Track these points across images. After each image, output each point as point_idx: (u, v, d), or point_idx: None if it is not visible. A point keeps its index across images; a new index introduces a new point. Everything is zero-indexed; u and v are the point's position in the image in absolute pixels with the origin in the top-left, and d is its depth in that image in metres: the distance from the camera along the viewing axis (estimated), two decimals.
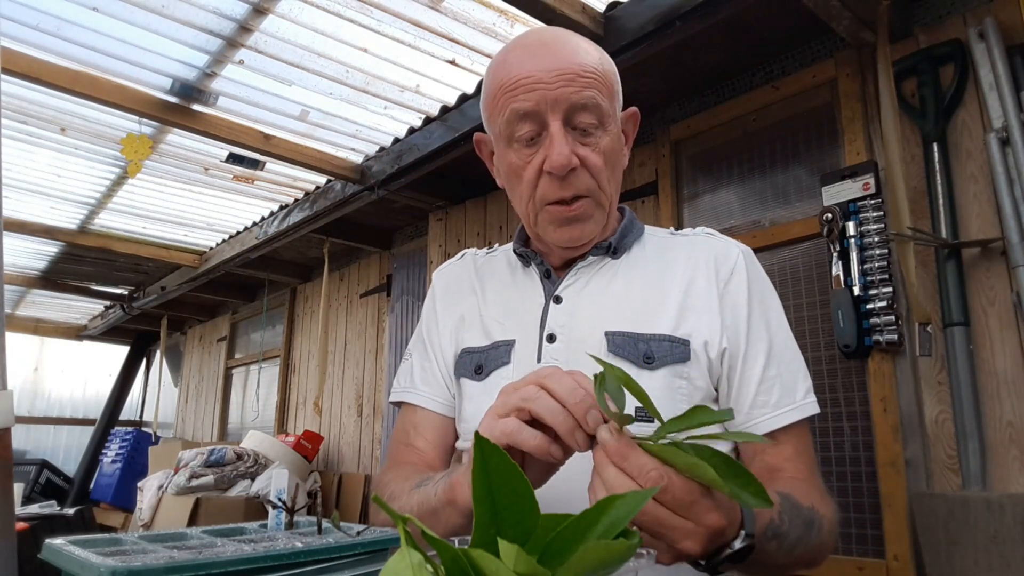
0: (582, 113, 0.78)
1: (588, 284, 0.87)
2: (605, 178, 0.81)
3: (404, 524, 0.36)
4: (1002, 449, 1.73)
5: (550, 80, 0.77)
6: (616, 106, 0.84)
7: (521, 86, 0.78)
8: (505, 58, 0.82)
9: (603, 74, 0.80)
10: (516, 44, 0.83)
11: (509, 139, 0.82)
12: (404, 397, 0.96)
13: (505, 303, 0.91)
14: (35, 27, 2.25)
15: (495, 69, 0.83)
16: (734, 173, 2.46)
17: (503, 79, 0.80)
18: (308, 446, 4.05)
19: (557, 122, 0.77)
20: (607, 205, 0.84)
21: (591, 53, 0.81)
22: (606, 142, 0.81)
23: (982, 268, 1.83)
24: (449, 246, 3.46)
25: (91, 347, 7.33)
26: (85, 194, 3.66)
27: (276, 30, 2.31)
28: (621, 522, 0.39)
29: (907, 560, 1.85)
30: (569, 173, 0.79)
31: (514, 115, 0.79)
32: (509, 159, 0.83)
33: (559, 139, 0.77)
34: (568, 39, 0.82)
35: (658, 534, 0.50)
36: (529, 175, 0.81)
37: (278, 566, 0.53)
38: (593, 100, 0.78)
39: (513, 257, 0.95)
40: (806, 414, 0.80)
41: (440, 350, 0.95)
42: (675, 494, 0.49)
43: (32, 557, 0.62)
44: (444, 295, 0.99)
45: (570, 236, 0.83)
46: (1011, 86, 1.78)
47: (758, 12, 2.06)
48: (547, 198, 0.81)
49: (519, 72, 0.79)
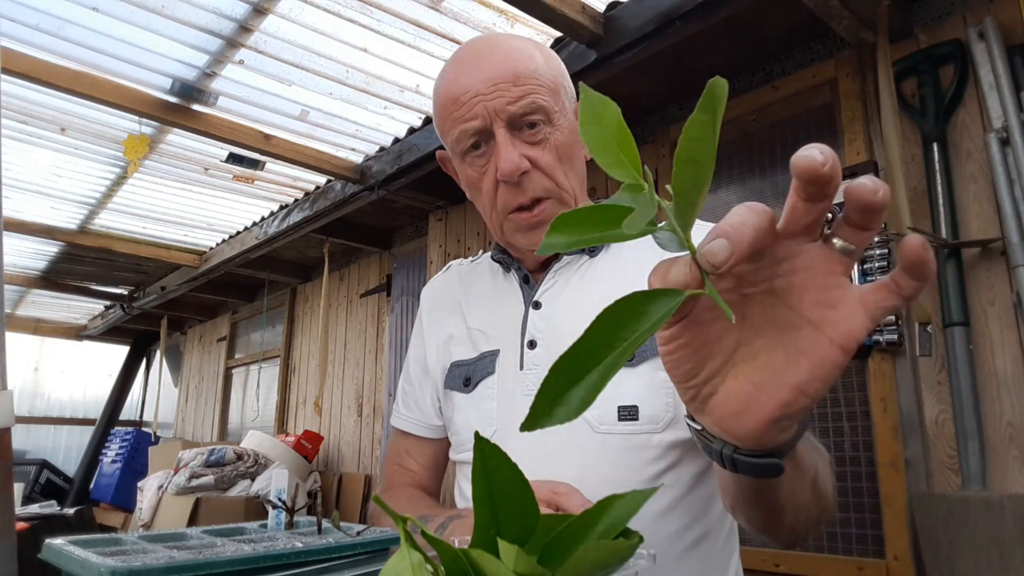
0: (525, 117, 0.78)
1: (566, 287, 0.86)
2: (561, 174, 0.81)
3: (404, 524, 0.36)
4: (1002, 449, 1.73)
5: (488, 91, 0.77)
6: (564, 100, 0.83)
7: (463, 103, 0.78)
8: (444, 74, 0.83)
9: (542, 74, 0.80)
10: (453, 59, 0.84)
11: (462, 154, 0.82)
12: (393, 422, 1.02)
13: (488, 312, 0.92)
14: (35, 27, 2.25)
15: (437, 87, 0.84)
16: (734, 173, 2.46)
17: (445, 98, 0.81)
18: (308, 446, 4.05)
19: (502, 130, 0.78)
20: (571, 202, 0.83)
21: (527, 55, 0.80)
22: (557, 138, 0.80)
23: (982, 268, 1.83)
24: (449, 246, 3.46)
25: (91, 347, 7.33)
26: (85, 194, 3.66)
27: (276, 30, 2.31)
28: (621, 522, 0.39)
29: (907, 560, 1.85)
30: (522, 177, 0.78)
31: (462, 133, 0.79)
32: (466, 172, 0.84)
33: (505, 146, 0.77)
34: (501, 45, 0.81)
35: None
36: (487, 186, 0.81)
37: (278, 566, 0.53)
38: (533, 104, 0.78)
39: (494, 263, 0.95)
40: None
41: (425, 369, 0.97)
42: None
43: (32, 557, 0.62)
44: (430, 312, 1.00)
45: (537, 241, 0.82)
46: (1011, 86, 1.78)
47: (758, 12, 2.06)
48: (508, 206, 0.81)
49: (457, 88, 0.79)
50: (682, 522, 0.77)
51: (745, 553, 0.85)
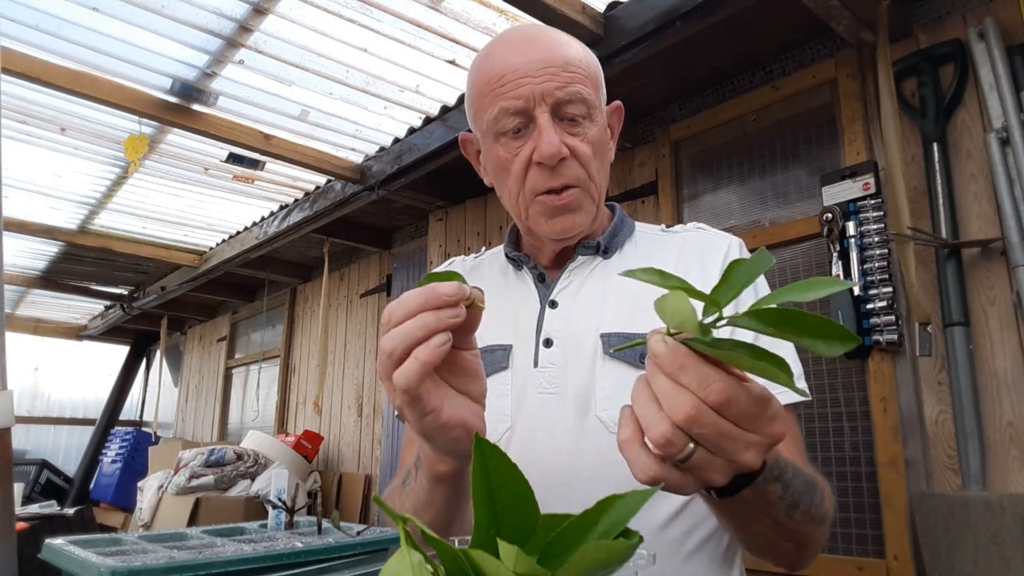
0: (569, 105, 0.78)
1: (583, 287, 0.87)
2: (594, 168, 0.82)
3: (404, 524, 0.36)
4: (1002, 449, 1.73)
5: (536, 74, 0.77)
6: (601, 98, 0.84)
7: (508, 81, 0.78)
8: (489, 54, 0.82)
9: (587, 67, 0.81)
10: (499, 40, 0.83)
11: (497, 134, 0.82)
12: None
13: (499, 308, 0.91)
14: (35, 27, 2.25)
15: (480, 65, 0.83)
16: (734, 173, 2.46)
17: (488, 75, 0.80)
18: (308, 446, 4.05)
19: (545, 114, 0.78)
20: (596, 196, 0.84)
21: (574, 47, 0.82)
22: (594, 132, 0.81)
23: (982, 268, 1.83)
24: (449, 246, 3.46)
25: (91, 347, 7.33)
26: (85, 194, 3.66)
27: (276, 30, 2.31)
28: (621, 522, 0.39)
29: (907, 560, 1.85)
30: (559, 163, 0.79)
31: (503, 112, 0.79)
32: (497, 153, 0.83)
33: (548, 129, 0.77)
34: (551, 34, 0.82)
35: (719, 448, 0.46)
36: (517, 168, 0.81)
37: (278, 566, 0.53)
38: (579, 93, 0.78)
39: (504, 261, 0.95)
40: (793, 400, 0.79)
41: None
42: (741, 407, 0.44)
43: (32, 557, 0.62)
44: None
45: (562, 227, 0.83)
46: (1011, 86, 1.78)
47: (758, 12, 2.06)
48: (537, 189, 0.81)
49: (504, 67, 0.79)
50: (687, 526, 0.77)
51: (747, 554, 0.85)
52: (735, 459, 0.46)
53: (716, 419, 0.44)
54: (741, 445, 0.46)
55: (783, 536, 0.65)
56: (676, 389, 0.44)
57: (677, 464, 0.46)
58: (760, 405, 0.46)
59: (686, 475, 0.46)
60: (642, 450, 0.46)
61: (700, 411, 0.44)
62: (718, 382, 0.44)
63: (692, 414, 0.43)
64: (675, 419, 0.44)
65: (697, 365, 0.44)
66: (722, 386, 0.44)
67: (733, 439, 0.45)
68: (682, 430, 0.44)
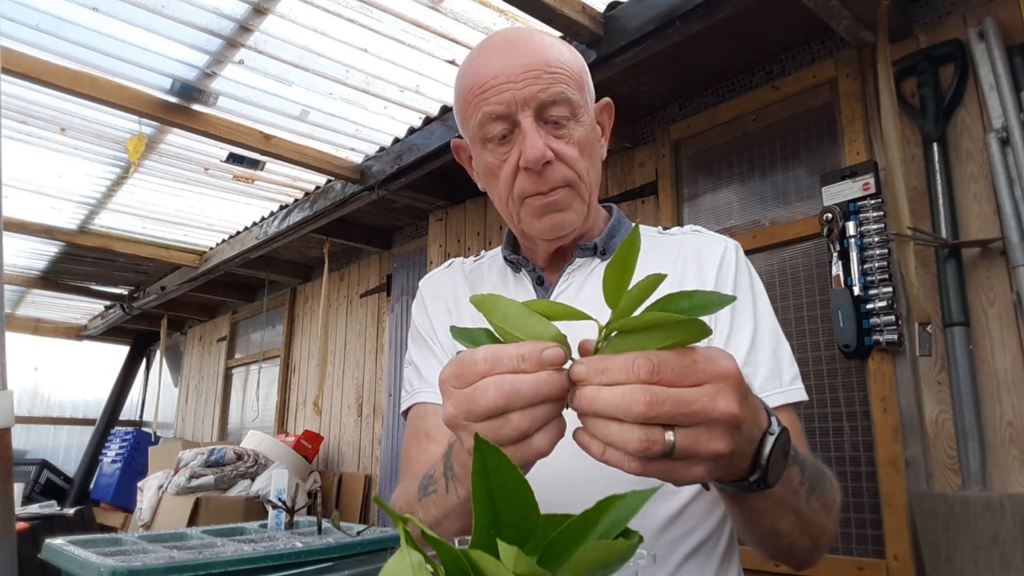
0: (552, 107, 0.79)
1: (582, 289, 0.87)
2: (583, 168, 0.82)
3: (404, 524, 0.36)
4: (1002, 449, 1.73)
5: (517, 78, 0.78)
6: (587, 97, 0.84)
7: (490, 87, 0.79)
8: (472, 61, 0.83)
9: (571, 67, 0.81)
10: (482, 46, 0.84)
11: (484, 140, 0.82)
12: (417, 398, 0.91)
13: None
14: (35, 27, 2.25)
15: (464, 73, 0.84)
16: (734, 173, 2.46)
17: (472, 82, 0.81)
18: (308, 446, 4.05)
19: (529, 118, 0.78)
20: (586, 195, 0.84)
21: (556, 47, 0.82)
22: (580, 133, 0.81)
23: (982, 268, 1.83)
24: (449, 246, 3.46)
25: (91, 347, 7.33)
26: (85, 194, 3.66)
27: (276, 30, 2.31)
28: (621, 522, 0.39)
29: (907, 560, 1.85)
30: (545, 167, 0.79)
31: (486, 117, 0.79)
32: (485, 160, 0.84)
33: (532, 134, 0.78)
34: (533, 36, 0.82)
35: (693, 417, 0.45)
36: (506, 173, 0.82)
37: (278, 566, 0.53)
38: (563, 94, 0.78)
39: (503, 263, 0.95)
40: (792, 399, 0.79)
41: (441, 345, 0.93)
42: (673, 365, 0.45)
43: (32, 557, 0.62)
44: (434, 300, 0.97)
45: (552, 225, 0.83)
46: (1011, 86, 1.78)
47: (758, 12, 2.06)
48: (525, 192, 0.82)
49: (487, 73, 0.79)
50: (685, 527, 0.77)
51: (746, 552, 0.85)
52: (713, 416, 0.46)
53: (668, 391, 0.45)
54: (708, 401, 0.46)
55: (804, 531, 0.66)
56: (617, 391, 0.45)
57: (668, 459, 0.46)
58: (687, 355, 0.46)
59: (682, 463, 0.46)
60: (624, 456, 0.46)
61: (650, 392, 0.44)
62: (638, 358, 0.45)
63: (646, 399, 0.44)
64: (637, 416, 0.44)
65: (613, 358, 0.46)
66: (643, 358, 0.45)
67: (697, 400, 0.46)
68: (650, 424, 0.44)
